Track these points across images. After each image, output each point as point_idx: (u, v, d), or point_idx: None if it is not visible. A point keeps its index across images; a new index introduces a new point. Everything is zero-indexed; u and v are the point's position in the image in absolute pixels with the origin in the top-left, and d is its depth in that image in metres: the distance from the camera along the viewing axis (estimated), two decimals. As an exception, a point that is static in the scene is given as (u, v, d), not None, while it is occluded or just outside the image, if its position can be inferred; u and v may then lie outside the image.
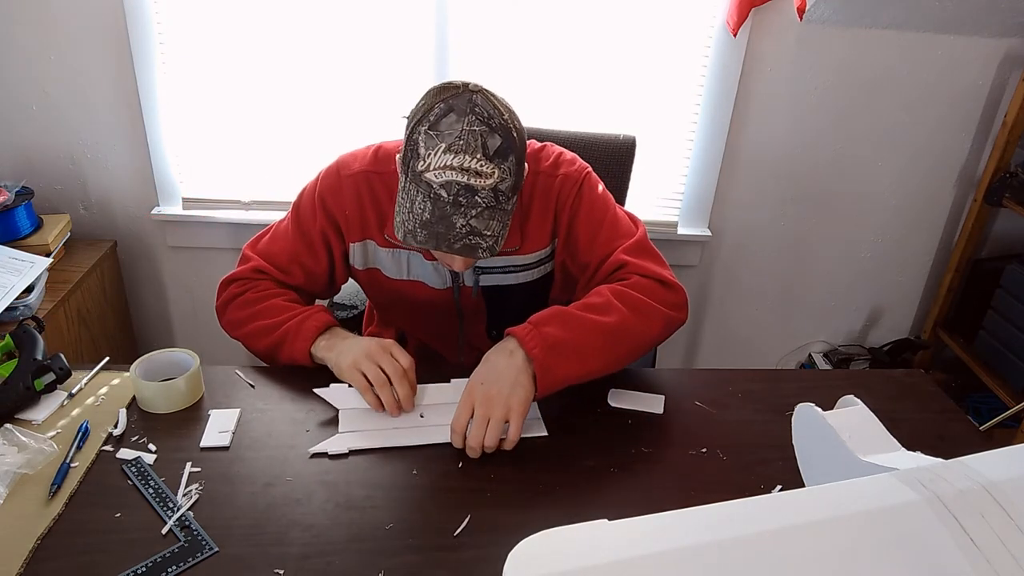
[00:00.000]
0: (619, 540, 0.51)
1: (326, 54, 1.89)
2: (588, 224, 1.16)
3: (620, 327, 1.05)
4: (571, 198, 1.15)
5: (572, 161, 1.18)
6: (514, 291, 1.22)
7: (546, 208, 1.16)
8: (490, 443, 0.96)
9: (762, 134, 2.07)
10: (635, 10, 1.88)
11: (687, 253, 2.22)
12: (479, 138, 0.95)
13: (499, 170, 0.96)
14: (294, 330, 1.10)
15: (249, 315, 1.14)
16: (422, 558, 0.82)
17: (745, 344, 2.44)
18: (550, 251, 1.20)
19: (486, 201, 0.96)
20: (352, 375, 1.04)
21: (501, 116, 0.97)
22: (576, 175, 1.16)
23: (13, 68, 1.86)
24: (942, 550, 0.51)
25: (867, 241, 2.28)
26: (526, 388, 0.99)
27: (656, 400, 1.11)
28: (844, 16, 1.90)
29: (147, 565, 0.79)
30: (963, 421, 1.13)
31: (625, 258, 1.13)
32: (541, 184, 1.16)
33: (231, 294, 1.17)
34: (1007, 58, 2.01)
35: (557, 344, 1.01)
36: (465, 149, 0.94)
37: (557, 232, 1.18)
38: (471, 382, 1.01)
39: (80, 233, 2.01)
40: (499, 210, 0.99)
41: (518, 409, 0.97)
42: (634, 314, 1.06)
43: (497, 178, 0.96)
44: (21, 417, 1.00)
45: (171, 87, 1.90)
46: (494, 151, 0.96)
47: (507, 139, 0.97)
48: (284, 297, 1.17)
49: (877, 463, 0.75)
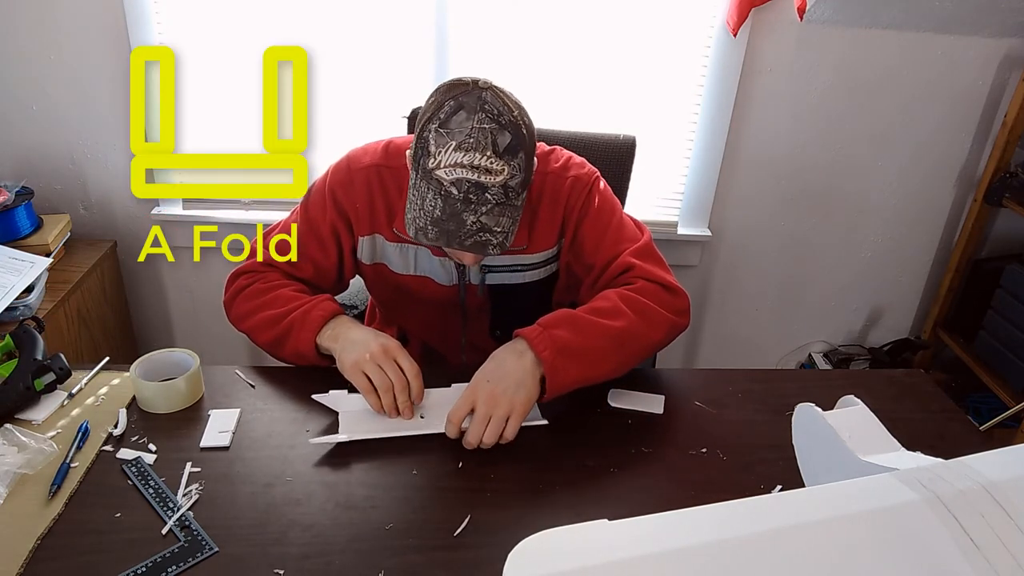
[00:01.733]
0: (619, 540, 0.51)
1: (326, 54, 1.89)
2: (595, 226, 1.17)
3: (627, 332, 1.05)
4: (580, 201, 1.16)
5: (582, 164, 1.19)
6: (519, 291, 1.22)
7: (555, 209, 1.17)
8: (489, 440, 0.96)
9: (762, 134, 2.07)
10: (635, 10, 1.88)
11: (687, 253, 2.21)
12: (489, 135, 0.95)
13: (509, 167, 0.97)
14: (299, 320, 1.09)
15: (255, 306, 1.14)
16: (422, 558, 0.82)
17: (745, 344, 2.44)
18: (556, 251, 1.21)
19: (496, 198, 0.97)
20: (355, 375, 1.03)
21: (511, 113, 0.98)
22: (587, 178, 1.17)
23: (13, 68, 1.86)
24: (942, 550, 0.51)
25: (867, 241, 2.28)
26: (530, 390, 0.99)
27: (656, 400, 1.11)
28: (844, 16, 1.90)
29: (147, 565, 0.79)
30: (963, 421, 1.13)
31: (632, 261, 1.13)
32: (551, 185, 1.16)
33: (239, 286, 1.17)
34: (1007, 58, 2.01)
35: (566, 348, 1.01)
36: (475, 147, 0.95)
37: (564, 233, 1.19)
38: (476, 378, 1.01)
39: (80, 233, 2.01)
40: (509, 206, 1.00)
41: (520, 410, 0.97)
42: (640, 319, 1.07)
43: (507, 175, 0.97)
44: (21, 417, 1.00)
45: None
46: (504, 148, 0.96)
47: (517, 136, 0.97)
48: (292, 288, 1.16)
49: (877, 463, 0.75)
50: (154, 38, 1.84)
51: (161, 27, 1.83)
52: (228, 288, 1.19)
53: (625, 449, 1.01)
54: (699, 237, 2.17)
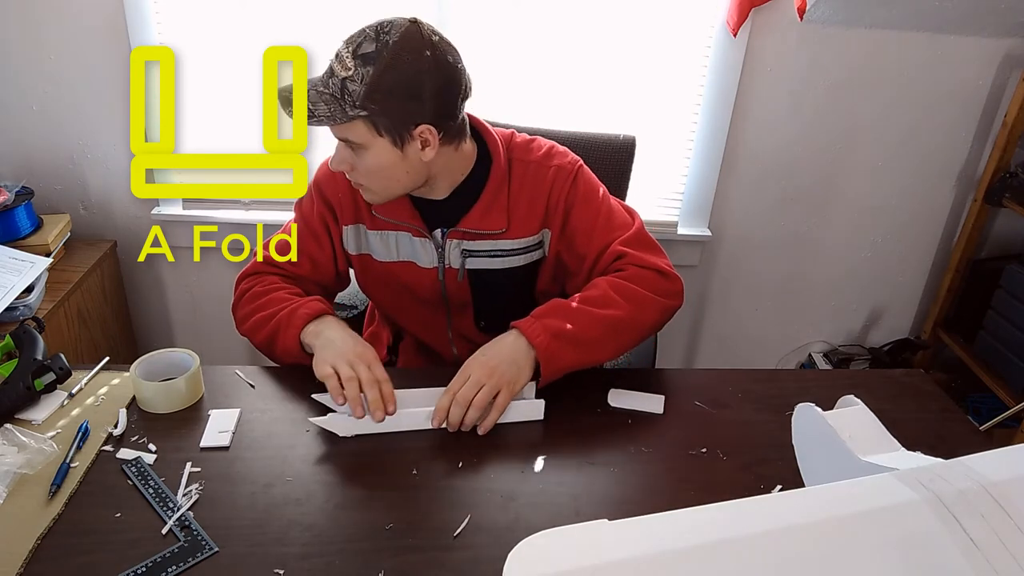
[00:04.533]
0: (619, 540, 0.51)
1: (326, 54, 1.88)
2: (585, 216, 1.18)
3: (619, 319, 1.09)
4: (566, 190, 1.17)
5: (564, 153, 1.21)
6: (500, 277, 1.22)
7: (536, 196, 1.18)
8: (479, 403, 0.99)
9: (762, 134, 2.07)
10: (635, 10, 1.88)
11: (687, 253, 2.21)
12: (361, 36, 1.02)
13: (355, 70, 1.01)
14: (287, 318, 1.11)
15: (252, 309, 1.16)
16: (422, 558, 0.82)
17: (745, 344, 2.44)
18: (539, 239, 1.21)
19: (331, 90, 1.02)
20: (323, 370, 1.01)
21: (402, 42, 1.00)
22: (570, 167, 1.19)
23: (13, 68, 1.86)
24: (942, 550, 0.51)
25: (867, 241, 2.28)
26: (523, 369, 1.03)
27: (656, 400, 1.11)
28: (844, 16, 1.90)
29: (147, 565, 0.79)
30: (963, 421, 1.13)
31: (623, 249, 1.15)
32: (532, 172, 1.18)
33: (242, 291, 1.20)
34: (1007, 58, 2.01)
35: (560, 333, 1.05)
36: (349, 39, 1.03)
37: (549, 223, 1.20)
38: (471, 357, 1.04)
39: (80, 233, 2.01)
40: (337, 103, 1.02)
41: (510, 387, 1.01)
42: (631, 304, 1.10)
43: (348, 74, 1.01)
44: (21, 417, 1.00)
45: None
46: (361, 54, 1.01)
47: (380, 53, 1.00)
48: (287, 290, 1.18)
49: (877, 463, 0.75)
50: (154, 38, 1.83)
51: (161, 27, 1.83)
52: (235, 292, 1.22)
53: (625, 449, 1.01)
54: (699, 237, 2.17)
